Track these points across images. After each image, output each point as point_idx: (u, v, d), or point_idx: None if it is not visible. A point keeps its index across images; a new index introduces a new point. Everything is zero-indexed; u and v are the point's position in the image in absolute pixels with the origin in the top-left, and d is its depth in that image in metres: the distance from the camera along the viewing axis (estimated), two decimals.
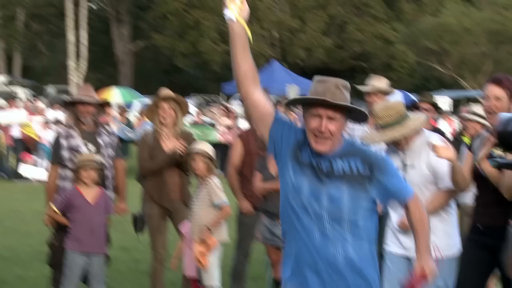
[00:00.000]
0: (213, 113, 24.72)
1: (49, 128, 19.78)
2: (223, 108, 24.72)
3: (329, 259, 3.85)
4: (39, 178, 17.72)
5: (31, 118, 21.03)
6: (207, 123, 23.20)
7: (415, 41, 43.96)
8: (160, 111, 7.75)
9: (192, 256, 7.04)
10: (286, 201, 3.94)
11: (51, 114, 22.35)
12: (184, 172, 7.73)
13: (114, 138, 7.64)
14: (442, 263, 5.48)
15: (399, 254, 5.62)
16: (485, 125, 6.93)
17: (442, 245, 5.47)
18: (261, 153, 7.38)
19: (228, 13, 3.82)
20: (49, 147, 8.10)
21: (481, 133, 5.81)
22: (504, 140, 4.85)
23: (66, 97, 11.64)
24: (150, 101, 8.33)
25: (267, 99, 3.98)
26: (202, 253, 6.98)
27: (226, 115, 23.13)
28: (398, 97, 7.33)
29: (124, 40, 51.44)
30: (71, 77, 41.86)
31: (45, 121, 20.71)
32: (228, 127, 21.72)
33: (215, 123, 22.67)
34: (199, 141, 7.87)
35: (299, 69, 43.39)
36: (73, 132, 7.42)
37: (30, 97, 32.52)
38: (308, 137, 3.89)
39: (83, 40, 42.02)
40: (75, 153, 7.27)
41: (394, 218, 5.62)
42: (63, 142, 7.40)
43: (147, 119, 8.60)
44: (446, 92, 36.89)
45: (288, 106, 14.46)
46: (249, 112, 3.97)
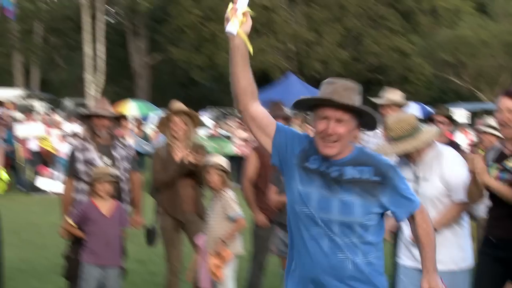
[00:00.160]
0: (229, 126, 24.76)
1: (66, 141, 19.83)
2: (239, 121, 24.72)
3: (337, 267, 3.75)
4: (56, 191, 17.77)
5: (49, 131, 21.09)
6: (223, 136, 23.22)
7: (432, 54, 43.80)
8: (172, 125, 7.79)
9: (207, 269, 7.06)
10: (292, 211, 3.84)
11: (68, 127, 22.39)
12: (198, 185, 7.76)
13: (130, 151, 7.68)
14: (456, 276, 5.49)
15: (412, 267, 5.60)
16: (500, 137, 6.92)
17: (455, 258, 5.47)
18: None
19: (229, 27, 3.74)
20: (66, 160, 8.14)
21: (495, 145, 5.81)
22: None
23: (82, 110, 11.69)
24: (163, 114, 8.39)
25: (266, 111, 3.88)
26: (217, 266, 6.99)
27: (242, 128, 23.14)
28: (414, 110, 7.34)
29: (141, 53, 51.58)
30: (88, 90, 42.08)
31: (62, 134, 20.78)
32: (244, 140, 21.73)
33: (231, 136, 22.69)
34: (214, 154, 7.90)
35: (316, 82, 43.06)
36: (89, 145, 7.47)
37: (48, 111, 32.63)
38: (316, 142, 3.77)
39: (100, 54, 42.27)
40: (91, 166, 7.32)
41: (406, 231, 5.62)
42: (79, 155, 7.45)
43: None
44: (463, 105, 36.72)
45: (304, 118, 14.45)
46: (249, 125, 3.87)
